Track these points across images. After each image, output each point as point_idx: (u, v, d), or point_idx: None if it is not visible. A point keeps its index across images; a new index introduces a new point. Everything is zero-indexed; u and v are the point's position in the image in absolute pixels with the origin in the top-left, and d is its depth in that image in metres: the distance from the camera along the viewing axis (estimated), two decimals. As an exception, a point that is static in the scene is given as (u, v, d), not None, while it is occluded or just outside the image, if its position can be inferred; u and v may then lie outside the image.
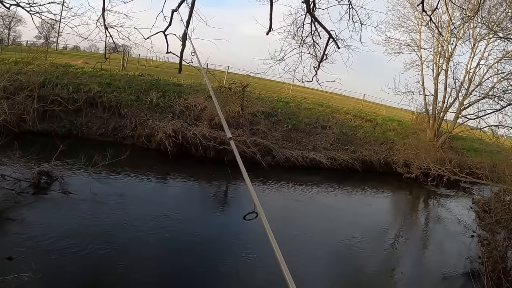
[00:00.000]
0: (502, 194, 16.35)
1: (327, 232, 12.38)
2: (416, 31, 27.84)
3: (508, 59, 23.44)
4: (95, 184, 11.86)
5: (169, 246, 9.47)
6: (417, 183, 21.20)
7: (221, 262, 9.12)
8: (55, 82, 17.74)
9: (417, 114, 29.86)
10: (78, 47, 57.61)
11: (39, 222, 9.02)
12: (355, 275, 10.05)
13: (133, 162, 14.68)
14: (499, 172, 14.93)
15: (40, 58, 20.63)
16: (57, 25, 17.19)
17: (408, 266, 11.39)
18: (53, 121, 16.73)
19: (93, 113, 17.92)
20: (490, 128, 23.01)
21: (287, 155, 19.41)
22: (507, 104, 22.81)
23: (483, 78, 24.91)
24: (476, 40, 25.39)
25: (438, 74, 26.72)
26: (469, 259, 12.22)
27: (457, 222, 16.15)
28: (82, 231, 8.96)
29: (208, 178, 15.75)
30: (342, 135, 23.98)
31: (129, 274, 7.89)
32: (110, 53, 8.64)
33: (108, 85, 19.30)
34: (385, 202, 19.11)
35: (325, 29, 7.07)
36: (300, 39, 8.34)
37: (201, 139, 17.52)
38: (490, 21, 18.92)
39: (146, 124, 17.94)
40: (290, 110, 24.72)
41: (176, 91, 21.09)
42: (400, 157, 22.73)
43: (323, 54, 7.66)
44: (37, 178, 10.93)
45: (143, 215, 10.53)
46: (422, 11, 7.42)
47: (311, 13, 7.04)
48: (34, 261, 6.76)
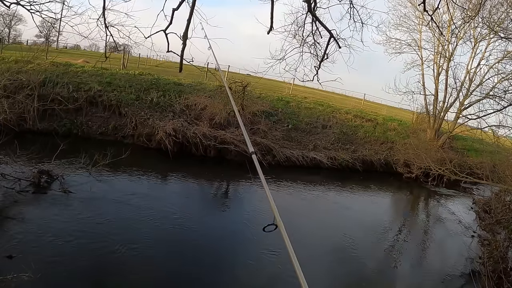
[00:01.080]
0: (502, 194, 16.36)
1: (327, 231, 12.38)
2: (417, 31, 27.87)
3: (509, 59, 23.45)
4: (96, 183, 11.87)
5: (169, 245, 9.46)
6: (417, 183, 21.20)
7: (222, 261, 9.12)
8: (55, 81, 17.72)
9: (417, 114, 29.85)
10: (79, 46, 57.74)
11: (39, 221, 9.00)
12: (355, 275, 10.04)
13: (134, 161, 14.68)
14: (500, 172, 14.93)
15: (41, 57, 20.59)
16: (57, 24, 17.21)
17: (409, 266, 11.37)
18: (53, 120, 16.71)
19: (93, 112, 17.90)
20: (490, 128, 22.95)
21: (288, 155, 19.41)
22: (508, 104, 22.79)
23: (484, 78, 24.92)
24: (477, 40, 25.38)
25: (439, 74, 26.73)
26: (470, 259, 12.22)
27: (457, 222, 16.14)
28: (82, 230, 8.95)
29: (208, 177, 15.74)
30: (342, 135, 23.98)
31: (128, 273, 7.88)
32: (110, 52, 8.62)
33: (108, 84, 19.29)
34: (385, 202, 19.09)
35: (326, 29, 7.05)
36: (301, 39, 8.32)
37: (201, 138, 17.52)
38: (491, 21, 18.95)
39: (147, 123, 17.92)
40: (291, 109, 24.72)
41: (177, 90, 21.09)
42: (400, 157, 22.73)
43: (324, 54, 7.64)
44: (37, 177, 10.93)
45: (143, 214, 10.52)
46: (423, 11, 7.39)
47: (312, 12, 7.02)
48: (33, 260, 6.75)
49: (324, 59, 7.73)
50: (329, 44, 7.24)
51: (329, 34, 6.99)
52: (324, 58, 7.71)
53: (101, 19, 6.86)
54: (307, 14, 7.48)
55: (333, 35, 6.98)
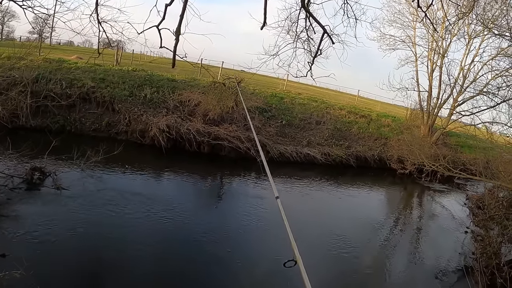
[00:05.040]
0: (495, 191, 16.43)
1: (320, 227, 12.37)
2: (411, 27, 27.88)
3: (502, 56, 23.50)
4: (88, 179, 11.84)
5: (162, 241, 9.45)
6: (411, 179, 21.27)
7: (215, 256, 9.10)
8: (48, 77, 17.63)
9: (411, 110, 29.96)
10: (72, 43, 57.39)
11: (32, 218, 8.97)
12: (349, 270, 10.07)
13: (127, 157, 14.64)
14: (493, 169, 14.97)
15: (34, 53, 20.48)
16: (50, 20, 17.10)
17: (403, 262, 11.41)
18: (47, 116, 16.63)
19: (86, 108, 17.83)
20: (484, 124, 23.03)
21: (281, 151, 19.41)
22: (501, 100, 22.92)
23: (478, 75, 25.01)
24: (471, 37, 25.42)
25: (433, 71, 26.78)
26: (463, 255, 12.29)
27: (451, 218, 16.22)
28: (75, 227, 8.92)
29: (202, 173, 15.71)
30: (336, 131, 24.01)
31: (121, 269, 7.87)
32: (103, 48, 8.56)
33: (101, 81, 19.23)
34: (379, 198, 19.13)
35: (319, 24, 7.02)
36: (295, 34, 8.29)
37: (195, 135, 17.51)
38: (485, 18, 18.99)
39: (140, 119, 17.88)
40: (285, 105, 24.73)
41: (170, 86, 21.03)
42: (394, 153, 22.80)
43: (318, 49, 7.61)
44: (30, 174, 10.88)
45: (136, 210, 10.50)
46: (417, 7, 7.38)
47: (306, 8, 6.99)
48: (26, 258, 6.69)
49: (318, 55, 7.70)
50: (323, 40, 7.21)
51: (322, 30, 6.97)
52: (318, 54, 7.68)
53: (94, 14, 6.80)
54: (301, 10, 7.45)
55: (326, 30, 6.96)
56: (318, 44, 7.49)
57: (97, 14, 6.80)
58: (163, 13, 5.68)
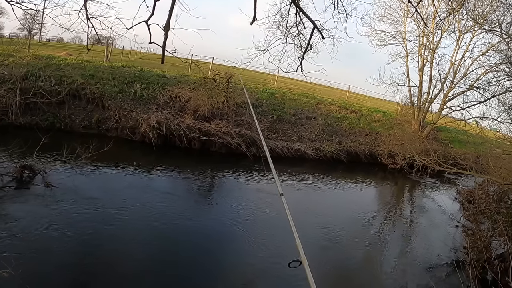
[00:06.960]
0: (486, 185, 16.56)
1: (311, 222, 12.34)
2: (402, 23, 27.97)
3: (493, 52, 23.63)
4: (79, 177, 11.76)
5: (154, 238, 9.40)
6: (402, 174, 21.33)
7: (206, 254, 9.07)
8: (37, 74, 17.46)
9: (402, 106, 30.12)
10: (62, 39, 57.07)
11: (21, 216, 8.88)
12: (340, 265, 10.09)
13: (117, 154, 14.58)
14: (483, 163, 15.08)
15: (23, 50, 20.31)
16: (39, 16, 16.96)
17: (393, 256, 11.43)
18: (36, 114, 16.47)
19: (76, 105, 17.69)
20: (474, 119, 23.25)
21: (272, 146, 19.36)
22: (492, 96, 23.08)
23: (468, 70, 25.17)
24: (461, 32, 25.56)
25: (423, 66, 26.90)
26: (454, 249, 12.35)
27: (441, 213, 16.29)
28: (65, 224, 8.85)
29: (193, 169, 15.67)
30: (327, 126, 24.06)
31: (112, 267, 7.82)
32: (93, 44, 8.49)
33: (91, 77, 19.08)
34: (370, 193, 19.16)
35: (310, 19, 7.00)
36: (285, 29, 8.28)
37: (185, 131, 17.46)
38: (476, 14, 19.03)
39: (130, 116, 17.79)
40: (275, 101, 24.72)
41: (160, 82, 20.95)
42: (385, 148, 22.89)
43: (308, 45, 7.60)
44: (20, 172, 10.78)
45: (127, 207, 10.44)
46: (408, 3, 7.38)
47: (296, 3, 6.98)
48: (14, 257, 6.64)
49: (308, 50, 7.69)
50: (313, 35, 7.19)
51: (312, 25, 6.95)
52: (308, 49, 7.68)
53: (82, 10, 6.72)
54: (291, 5, 7.44)
55: (316, 26, 6.94)
56: (308, 39, 7.48)
57: (86, 10, 6.72)
58: (152, 8, 5.63)
